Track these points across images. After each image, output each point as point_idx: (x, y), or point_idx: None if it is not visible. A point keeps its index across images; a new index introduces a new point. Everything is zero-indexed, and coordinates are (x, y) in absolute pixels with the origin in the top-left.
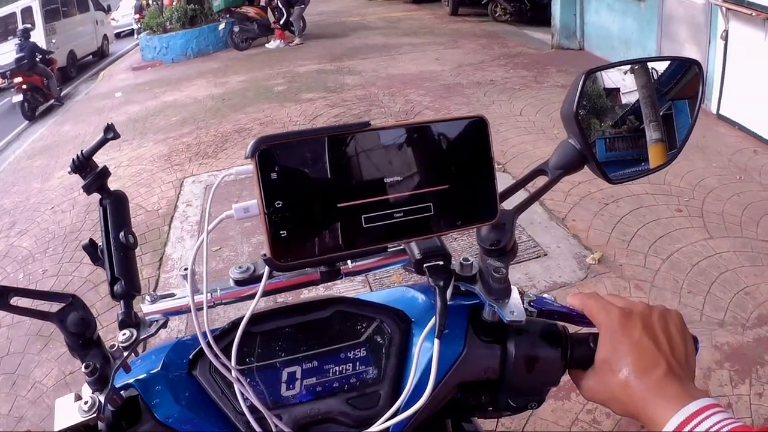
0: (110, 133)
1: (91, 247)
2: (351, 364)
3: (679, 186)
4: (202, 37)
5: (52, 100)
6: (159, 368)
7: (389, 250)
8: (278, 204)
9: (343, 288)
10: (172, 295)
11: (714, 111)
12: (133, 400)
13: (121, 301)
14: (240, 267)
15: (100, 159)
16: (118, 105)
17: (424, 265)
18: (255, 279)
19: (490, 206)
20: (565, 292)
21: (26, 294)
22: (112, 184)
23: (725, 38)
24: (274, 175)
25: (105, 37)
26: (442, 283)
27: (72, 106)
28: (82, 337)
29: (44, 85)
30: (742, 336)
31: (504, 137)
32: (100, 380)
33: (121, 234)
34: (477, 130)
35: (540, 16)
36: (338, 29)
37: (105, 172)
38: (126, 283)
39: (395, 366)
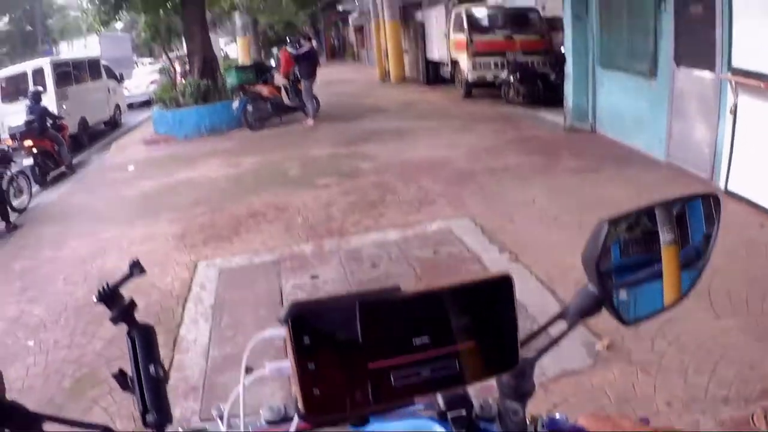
0: (136, 269)
1: (120, 377)
2: None
3: None
4: (216, 114)
5: (63, 167)
6: None
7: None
8: (311, 366)
9: None
10: (203, 430)
11: (722, 187)
12: None
13: (153, 431)
14: (271, 408)
15: (112, 234)
16: (131, 179)
17: (449, 416)
18: (285, 419)
19: (512, 356)
20: (576, 380)
21: (58, 421)
22: (125, 261)
23: (734, 112)
24: (306, 340)
25: (117, 106)
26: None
27: (84, 175)
28: None
29: (55, 151)
30: (746, 410)
31: (517, 226)
32: None
33: (152, 367)
34: (503, 287)
35: (553, 97)
36: (352, 111)
37: (132, 305)
38: (158, 414)
39: None
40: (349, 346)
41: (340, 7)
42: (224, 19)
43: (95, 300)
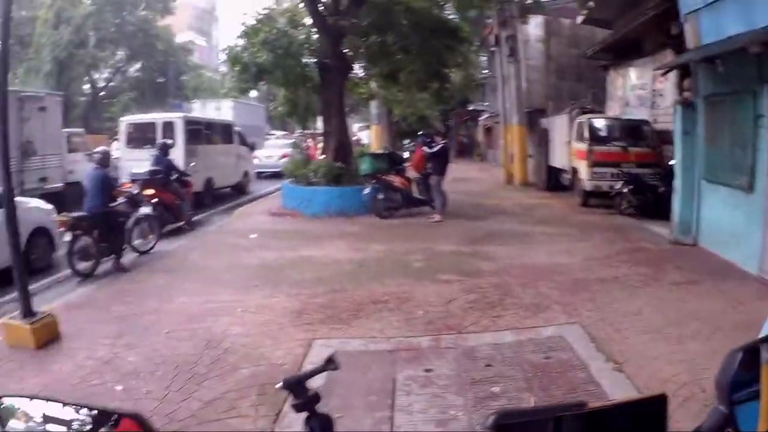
0: (332, 365)
1: None
2: None
3: None
4: (345, 198)
5: (183, 223)
6: None
7: None
8: None
9: None
10: None
11: None
12: None
13: None
14: None
15: (225, 297)
16: (252, 247)
17: None
18: None
19: None
20: None
21: None
22: (237, 327)
23: None
24: None
25: (246, 173)
26: None
27: (203, 234)
28: None
29: (176, 205)
30: None
31: (623, 336)
32: None
33: None
34: (657, 404)
35: (661, 210)
36: (476, 211)
37: (316, 397)
38: None
39: None
40: None
41: (471, 107)
42: (361, 105)
43: (279, 386)
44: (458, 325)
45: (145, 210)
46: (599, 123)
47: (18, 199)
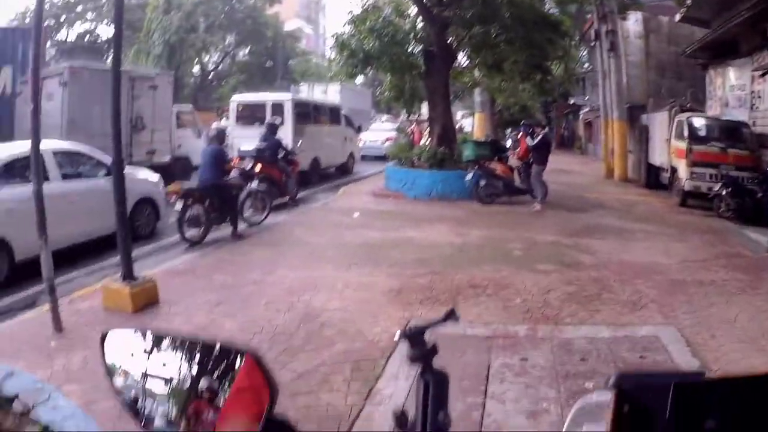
0: (452, 317)
1: (401, 417)
2: None
3: None
4: (448, 182)
5: (288, 199)
6: None
7: None
8: None
9: None
10: None
11: None
12: None
13: None
14: None
15: (326, 273)
16: (355, 226)
17: None
18: None
19: None
20: None
21: None
22: (335, 302)
23: None
24: (626, 408)
25: (351, 154)
26: None
27: (307, 211)
28: None
29: (282, 181)
30: None
31: (718, 343)
32: None
33: (440, 414)
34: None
35: (759, 216)
36: (576, 203)
37: (435, 351)
38: None
39: None
40: (658, 420)
41: (571, 100)
42: (464, 92)
43: (397, 337)
44: (555, 316)
45: (257, 184)
46: (699, 122)
47: (126, 169)
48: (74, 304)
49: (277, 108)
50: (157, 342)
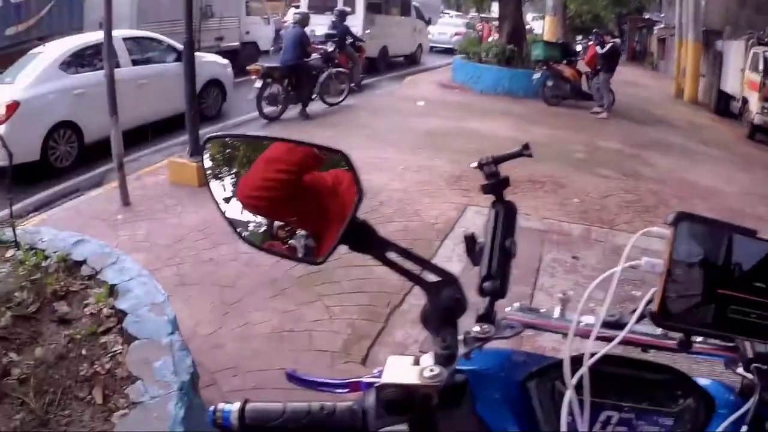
0: (527, 150)
1: (471, 240)
2: (657, 429)
3: None
4: (515, 79)
5: (353, 84)
6: (497, 368)
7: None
8: (678, 271)
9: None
10: (537, 311)
11: None
12: (460, 385)
13: (487, 299)
14: (609, 310)
15: (389, 155)
16: (419, 113)
17: (753, 365)
18: (618, 326)
19: None
20: None
21: (406, 255)
22: (396, 183)
23: None
24: (683, 245)
25: (420, 45)
26: (763, 383)
27: (371, 97)
28: (449, 316)
29: (348, 68)
30: None
31: None
32: (448, 357)
33: (508, 241)
34: None
35: None
36: (643, 116)
37: (506, 182)
38: (499, 285)
39: None
40: (712, 267)
41: (647, 15)
42: None
43: (473, 165)
44: (611, 220)
45: (337, 67)
46: None
47: (196, 53)
48: (141, 179)
49: None
50: (255, 146)
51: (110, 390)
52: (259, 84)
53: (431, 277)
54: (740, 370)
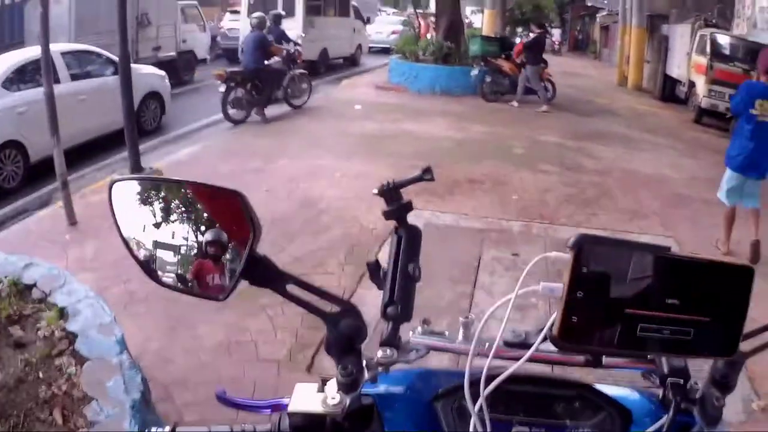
0: (428, 175)
1: (374, 266)
2: None
3: None
4: (453, 77)
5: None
6: (403, 389)
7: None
8: (579, 294)
9: None
10: (442, 334)
11: None
12: (368, 408)
13: (390, 323)
14: (514, 331)
15: (326, 162)
16: (356, 117)
17: (669, 380)
18: (523, 345)
19: (733, 344)
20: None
21: (305, 287)
22: (334, 190)
23: None
24: (584, 269)
25: (359, 46)
26: (679, 399)
27: (310, 101)
28: (350, 343)
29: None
30: None
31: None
32: (350, 384)
33: (410, 266)
34: (742, 275)
35: None
36: (585, 107)
37: (409, 207)
38: (401, 309)
39: None
40: (615, 286)
41: (589, 2)
42: None
43: (375, 192)
44: (551, 215)
45: (299, 69)
46: (723, 40)
47: (133, 66)
48: (86, 198)
49: (288, 0)
50: (157, 188)
51: (69, 411)
52: (222, 88)
53: (333, 307)
54: (658, 383)
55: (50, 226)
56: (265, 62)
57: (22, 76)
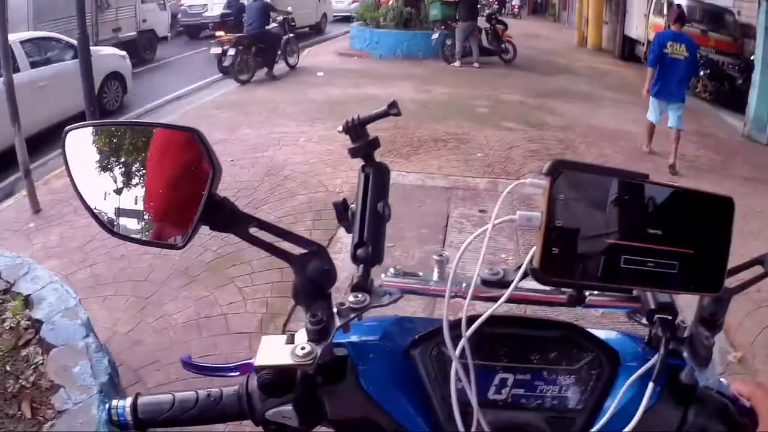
0: (394, 109)
1: (342, 206)
2: (558, 387)
3: None
4: (414, 41)
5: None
6: (378, 338)
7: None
8: (558, 223)
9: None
10: (415, 275)
11: None
12: (341, 360)
13: (361, 266)
14: (491, 269)
15: (289, 129)
16: (319, 84)
17: (656, 316)
18: (502, 284)
19: (718, 280)
20: None
21: (269, 229)
22: (298, 156)
23: None
24: (562, 197)
25: (324, 15)
26: (668, 335)
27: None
28: (318, 288)
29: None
30: None
31: None
32: (320, 332)
33: (380, 204)
34: (725, 207)
35: (736, 101)
36: (546, 67)
37: (376, 143)
38: (372, 251)
39: (596, 399)
40: (595, 215)
41: None
42: None
43: (339, 130)
44: (517, 171)
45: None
46: (680, 1)
47: (92, 48)
48: (49, 184)
49: None
50: (112, 134)
51: (37, 402)
52: (232, 52)
53: (299, 250)
54: (644, 321)
55: (14, 215)
56: (266, 27)
57: None
